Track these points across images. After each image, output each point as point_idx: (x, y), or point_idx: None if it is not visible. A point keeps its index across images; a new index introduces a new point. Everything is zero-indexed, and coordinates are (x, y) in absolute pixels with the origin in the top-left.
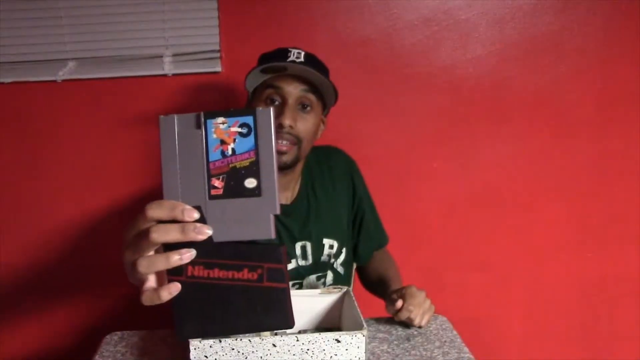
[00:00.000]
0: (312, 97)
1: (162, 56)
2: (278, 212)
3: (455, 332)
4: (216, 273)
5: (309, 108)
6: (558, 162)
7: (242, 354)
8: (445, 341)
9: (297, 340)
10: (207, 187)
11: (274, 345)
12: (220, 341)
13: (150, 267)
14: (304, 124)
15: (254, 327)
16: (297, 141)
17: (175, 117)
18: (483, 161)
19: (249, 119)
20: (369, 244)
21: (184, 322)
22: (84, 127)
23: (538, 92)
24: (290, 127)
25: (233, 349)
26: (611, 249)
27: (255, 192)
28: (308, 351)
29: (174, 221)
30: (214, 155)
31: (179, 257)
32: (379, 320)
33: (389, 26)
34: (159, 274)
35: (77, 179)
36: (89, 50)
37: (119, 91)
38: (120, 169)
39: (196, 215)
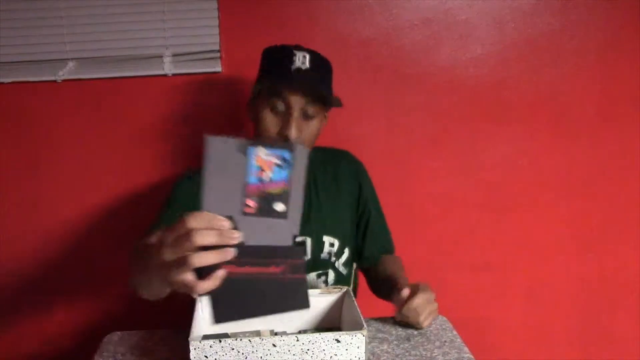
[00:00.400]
0: (316, 106)
1: (162, 56)
2: (298, 233)
3: (455, 332)
4: (247, 269)
5: (312, 116)
6: (558, 162)
7: (242, 354)
8: (445, 341)
9: (297, 340)
10: (241, 205)
11: (274, 345)
12: (220, 341)
13: (203, 261)
14: (307, 131)
15: (279, 310)
16: None
17: (223, 139)
18: (483, 161)
19: (287, 154)
20: (375, 245)
21: (220, 309)
22: (84, 127)
23: (538, 92)
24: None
25: (233, 349)
26: (611, 249)
27: (283, 215)
28: (308, 351)
29: None
30: (252, 179)
31: (225, 254)
32: (379, 320)
33: (389, 26)
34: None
35: (77, 179)
36: (89, 50)
37: (119, 91)
38: (120, 169)
39: (229, 224)
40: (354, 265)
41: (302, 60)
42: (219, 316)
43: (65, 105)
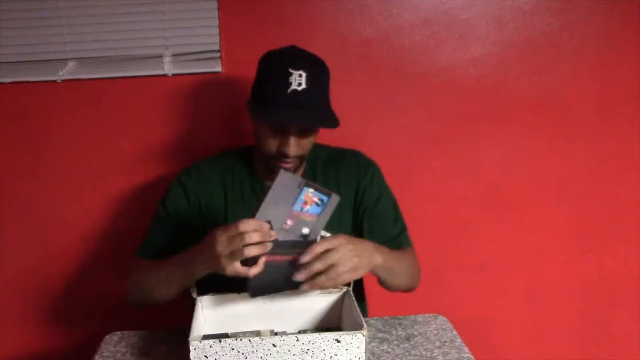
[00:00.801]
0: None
1: (162, 56)
2: None
3: (455, 332)
4: (277, 257)
5: (310, 132)
6: (558, 162)
7: (242, 354)
8: (445, 341)
9: (297, 340)
10: (282, 222)
11: (274, 345)
12: (220, 341)
13: (251, 252)
14: (305, 145)
15: (295, 285)
16: (300, 157)
17: (290, 176)
18: (483, 161)
19: (325, 197)
20: (377, 235)
21: (255, 287)
22: (84, 127)
23: (538, 92)
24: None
25: (233, 349)
26: (611, 249)
27: (306, 236)
28: (308, 351)
29: None
30: (296, 207)
31: (265, 247)
32: (379, 320)
33: (389, 26)
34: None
35: (76, 179)
36: (89, 50)
37: (119, 91)
38: (120, 169)
39: (268, 227)
40: None
41: (298, 81)
42: (254, 292)
43: (65, 105)
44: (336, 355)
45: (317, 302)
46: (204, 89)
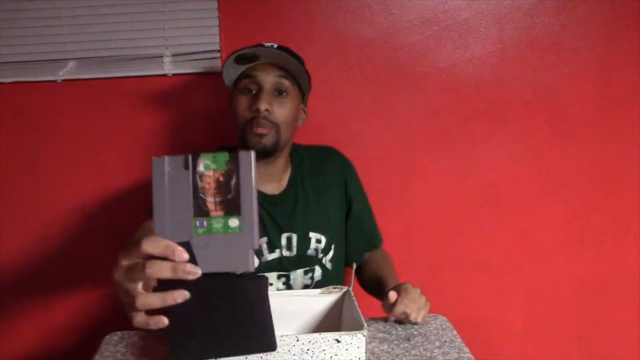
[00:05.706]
0: (287, 82)
1: (162, 56)
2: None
3: (455, 332)
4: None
5: (285, 94)
6: (558, 162)
7: None
8: (445, 341)
9: (297, 341)
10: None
11: None
12: None
13: (147, 305)
14: (280, 109)
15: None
16: (274, 126)
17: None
18: (483, 161)
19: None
20: (358, 243)
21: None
22: (84, 127)
23: (538, 92)
24: (267, 111)
25: None
26: (611, 249)
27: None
28: (308, 351)
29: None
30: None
31: (174, 298)
32: (378, 320)
33: (389, 26)
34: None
35: (76, 178)
36: (89, 50)
37: (119, 91)
38: (120, 169)
39: (186, 256)
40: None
41: (269, 44)
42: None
43: (65, 105)
44: (336, 355)
45: (317, 302)
46: (204, 89)
